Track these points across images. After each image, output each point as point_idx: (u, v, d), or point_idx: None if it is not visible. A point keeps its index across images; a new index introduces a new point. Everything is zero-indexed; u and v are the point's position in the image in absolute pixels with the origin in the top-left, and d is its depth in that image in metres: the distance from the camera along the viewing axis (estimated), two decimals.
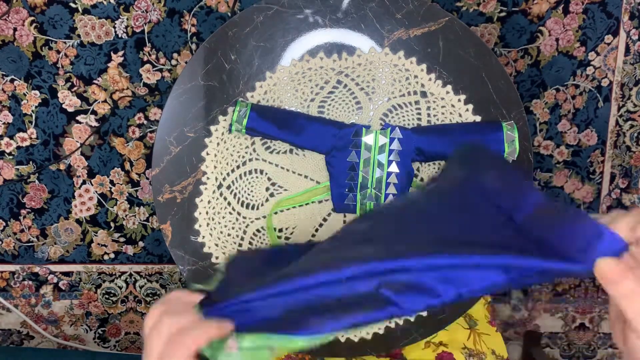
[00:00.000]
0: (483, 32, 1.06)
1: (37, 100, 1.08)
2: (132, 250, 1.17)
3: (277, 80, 0.70)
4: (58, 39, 1.05)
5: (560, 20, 1.06)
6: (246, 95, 0.70)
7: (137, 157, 1.12)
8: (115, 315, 1.22)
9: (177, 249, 0.72)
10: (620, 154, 1.13)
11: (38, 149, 1.10)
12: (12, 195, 1.13)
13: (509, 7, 1.05)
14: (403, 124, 0.72)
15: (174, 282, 1.19)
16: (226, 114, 0.70)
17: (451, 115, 0.71)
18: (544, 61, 1.08)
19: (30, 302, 1.20)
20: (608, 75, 1.09)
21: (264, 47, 0.70)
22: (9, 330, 1.23)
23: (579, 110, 1.11)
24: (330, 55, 0.70)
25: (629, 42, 1.07)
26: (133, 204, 1.14)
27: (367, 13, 0.69)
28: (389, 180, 0.70)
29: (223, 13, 1.05)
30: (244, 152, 0.72)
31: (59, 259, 1.17)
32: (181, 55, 1.06)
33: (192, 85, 0.70)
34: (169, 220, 0.72)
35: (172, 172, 0.71)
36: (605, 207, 1.16)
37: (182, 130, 0.71)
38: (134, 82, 1.08)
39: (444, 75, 0.70)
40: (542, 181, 1.14)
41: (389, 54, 0.70)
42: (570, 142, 1.12)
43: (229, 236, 0.72)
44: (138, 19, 1.04)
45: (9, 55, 1.05)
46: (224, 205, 0.72)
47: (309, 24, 0.69)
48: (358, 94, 0.71)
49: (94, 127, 1.10)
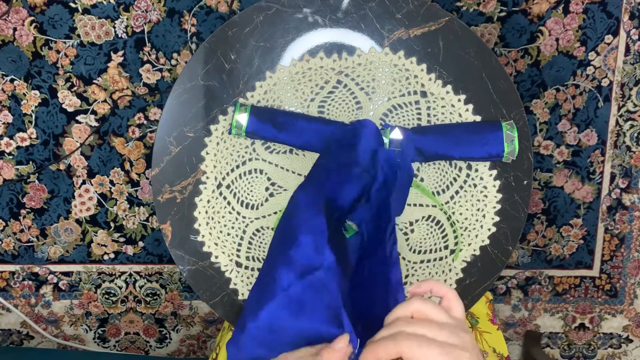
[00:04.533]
0: (483, 32, 1.06)
1: (37, 100, 1.08)
2: (132, 250, 1.17)
3: (277, 80, 0.70)
4: (58, 39, 1.05)
5: (560, 20, 1.06)
6: (246, 95, 0.70)
7: (137, 157, 1.12)
8: (115, 315, 1.22)
9: (176, 248, 0.72)
10: (620, 154, 1.13)
11: (38, 149, 1.10)
12: (12, 195, 1.13)
13: (509, 7, 1.05)
14: (403, 124, 0.72)
15: (174, 282, 1.20)
16: (226, 114, 0.70)
17: (451, 115, 0.71)
18: (544, 61, 1.08)
19: (30, 302, 1.20)
20: (608, 75, 1.09)
21: (264, 47, 0.70)
22: (8, 330, 1.23)
23: (579, 110, 1.11)
24: (330, 55, 0.70)
25: (629, 42, 1.07)
26: (133, 204, 1.14)
27: (367, 13, 0.69)
28: None
29: (223, 13, 1.05)
30: (243, 151, 0.72)
31: (58, 259, 1.17)
32: (181, 55, 1.06)
33: (192, 85, 0.70)
34: (169, 220, 0.72)
35: (172, 172, 0.71)
36: (605, 207, 1.16)
37: (182, 130, 0.71)
38: (133, 82, 1.08)
39: (444, 75, 0.70)
40: (542, 181, 1.14)
41: (389, 53, 0.70)
42: (570, 142, 1.12)
43: (229, 236, 0.72)
44: (138, 18, 1.04)
45: (8, 55, 1.05)
46: (224, 204, 0.72)
47: (308, 23, 0.69)
48: (358, 93, 0.71)
49: (94, 127, 1.10)
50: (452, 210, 0.72)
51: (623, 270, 1.20)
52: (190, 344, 1.26)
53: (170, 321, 1.23)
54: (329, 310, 0.53)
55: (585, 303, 1.22)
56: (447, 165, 0.72)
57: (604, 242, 1.18)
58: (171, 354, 1.26)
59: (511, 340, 1.26)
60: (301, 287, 0.54)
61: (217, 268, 0.72)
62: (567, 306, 1.23)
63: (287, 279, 0.55)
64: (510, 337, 1.25)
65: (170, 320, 1.23)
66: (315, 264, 0.55)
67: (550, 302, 1.22)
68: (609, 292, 1.21)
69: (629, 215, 1.16)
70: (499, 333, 0.82)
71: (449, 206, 0.72)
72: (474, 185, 0.72)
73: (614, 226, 1.17)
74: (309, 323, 0.53)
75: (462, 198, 0.72)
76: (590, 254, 1.19)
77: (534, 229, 1.17)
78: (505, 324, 1.24)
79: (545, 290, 1.21)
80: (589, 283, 1.21)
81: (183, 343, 1.26)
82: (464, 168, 0.72)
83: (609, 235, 1.17)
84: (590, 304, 1.22)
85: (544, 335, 1.25)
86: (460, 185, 0.72)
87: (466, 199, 0.72)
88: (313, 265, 0.55)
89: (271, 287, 0.56)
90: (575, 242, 1.18)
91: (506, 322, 1.24)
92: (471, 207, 0.72)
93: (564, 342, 1.26)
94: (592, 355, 1.27)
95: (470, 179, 0.72)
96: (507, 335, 1.25)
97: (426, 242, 0.74)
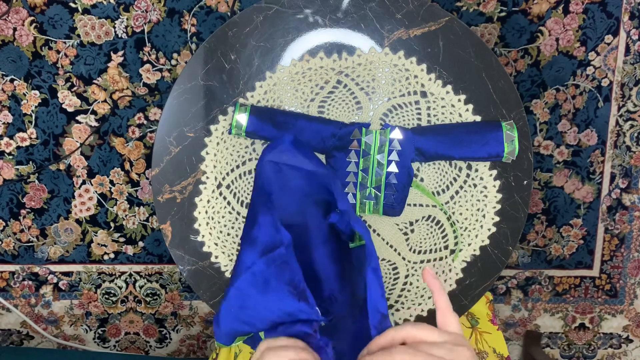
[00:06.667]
0: (483, 32, 1.06)
1: (37, 100, 1.08)
2: (132, 250, 1.17)
3: (277, 80, 0.70)
4: (58, 39, 1.05)
5: (560, 20, 1.06)
6: (246, 95, 0.70)
7: (137, 157, 1.12)
8: (115, 315, 1.22)
9: (176, 248, 0.72)
10: (620, 154, 1.13)
11: (38, 149, 1.10)
12: (12, 195, 1.13)
13: (509, 7, 1.05)
14: (403, 124, 0.72)
15: (174, 282, 1.20)
16: (226, 114, 0.70)
17: (451, 115, 0.71)
18: (544, 61, 1.08)
19: (30, 302, 1.20)
20: (608, 75, 1.09)
21: (264, 47, 0.70)
22: (8, 330, 1.23)
23: (579, 110, 1.11)
24: (330, 55, 0.70)
25: (629, 42, 1.07)
26: (133, 204, 1.14)
27: (367, 13, 0.69)
28: (388, 181, 0.70)
29: (223, 13, 1.05)
30: (243, 151, 0.72)
31: (58, 259, 1.17)
32: (181, 55, 1.06)
33: (192, 85, 0.70)
34: (169, 220, 0.72)
35: (172, 172, 0.71)
36: (605, 207, 1.16)
37: (182, 130, 0.71)
38: (133, 82, 1.08)
39: (444, 75, 0.70)
40: (542, 181, 1.14)
41: (389, 53, 0.70)
42: (570, 142, 1.12)
43: (229, 235, 0.72)
44: (138, 18, 1.04)
45: (8, 55, 1.05)
46: (224, 204, 0.72)
47: (308, 23, 0.69)
48: (358, 94, 0.71)
49: (94, 127, 1.10)
50: (452, 210, 0.72)
51: (623, 270, 1.20)
52: (190, 344, 1.26)
53: (170, 321, 1.23)
54: (291, 285, 0.57)
55: (585, 303, 1.22)
56: (447, 165, 0.72)
57: (604, 242, 1.18)
58: (171, 354, 1.26)
59: (511, 340, 1.26)
60: (264, 265, 0.59)
61: (217, 268, 0.72)
62: (567, 306, 1.23)
63: (251, 258, 0.60)
64: (510, 337, 1.25)
65: (170, 320, 1.23)
66: (275, 241, 0.59)
67: (550, 302, 1.22)
68: (609, 292, 1.21)
69: (629, 215, 1.16)
70: (499, 333, 0.82)
71: (449, 206, 0.72)
72: (474, 185, 0.72)
73: (614, 226, 1.17)
74: (275, 298, 0.58)
75: (462, 198, 0.72)
76: (590, 254, 1.19)
77: (534, 229, 1.17)
78: (505, 324, 1.24)
79: (545, 290, 1.21)
80: (589, 283, 1.21)
81: (183, 343, 1.26)
82: (464, 168, 0.72)
83: (609, 235, 1.17)
84: (590, 304, 1.22)
85: (544, 335, 1.25)
86: (460, 185, 0.72)
87: (466, 199, 0.72)
88: (274, 242, 0.59)
89: (237, 267, 0.61)
90: (575, 242, 1.18)
91: (506, 322, 1.24)
92: (471, 207, 0.72)
93: (564, 342, 1.26)
94: (592, 355, 1.27)
95: (470, 179, 0.72)
96: (507, 335, 1.25)
97: (426, 242, 0.74)
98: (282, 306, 0.57)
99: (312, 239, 0.65)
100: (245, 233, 0.65)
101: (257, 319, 0.60)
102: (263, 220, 0.62)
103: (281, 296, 0.57)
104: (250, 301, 0.59)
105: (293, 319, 0.57)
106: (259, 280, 0.59)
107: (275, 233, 0.60)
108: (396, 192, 0.70)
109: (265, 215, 0.62)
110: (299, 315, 0.56)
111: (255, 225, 0.62)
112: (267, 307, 0.58)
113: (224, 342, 0.63)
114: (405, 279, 0.73)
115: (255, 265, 0.59)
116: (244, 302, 0.59)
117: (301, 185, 0.66)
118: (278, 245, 0.59)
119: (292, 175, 0.66)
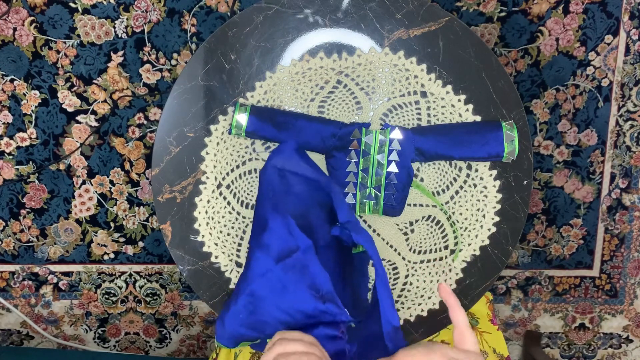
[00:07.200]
0: (483, 32, 1.06)
1: (37, 100, 1.08)
2: (132, 250, 1.17)
3: (277, 80, 0.70)
4: (58, 39, 1.05)
5: (560, 20, 1.05)
6: (246, 95, 0.70)
7: (137, 157, 1.12)
8: (115, 315, 1.22)
9: (176, 248, 0.72)
10: (620, 154, 1.13)
11: (38, 149, 1.10)
12: (12, 195, 1.13)
13: (509, 7, 1.05)
14: (403, 124, 0.72)
15: (174, 282, 1.20)
16: (226, 114, 0.70)
17: (451, 115, 0.71)
18: (544, 61, 1.08)
19: (30, 302, 1.20)
20: (608, 75, 1.09)
21: (264, 47, 0.70)
22: (8, 331, 1.23)
23: (579, 110, 1.11)
24: (330, 55, 0.70)
25: (629, 42, 1.07)
26: (133, 204, 1.14)
27: (367, 13, 0.69)
28: (388, 180, 0.70)
29: (223, 13, 1.05)
30: (243, 151, 0.72)
31: (58, 259, 1.17)
32: (181, 55, 1.06)
33: (192, 85, 0.70)
34: (169, 220, 0.72)
35: (172, 172, 0.71)
36: (605, 207, 1.16)
37: (182, 130, 0.71)
38: (133, 82, 1.08)
39: (444, 75, 0.70)
40: (542, 181, 1.14)
41: (389, 53, 0.70)
42: (570, 142, 1.12)
43: (229, 235, 0.72)
44: (138, 19, 1.04)
45: (8, 55, 1.05)
46: (224, 204, 0.72)
47: (308, 23, 0.69)
48: (358, 94, 0.71)
49: (94, 127, 1.10)
50: (452, 210, 0.72)
51: (623, 270, 1.20)
52: (190, 344, 1.26)
53: (170, 321, 1.23)
54: (313, 288, 0.57)
55: (585, 303, 1.22)
56: (447, 165, 0.72)
57: (604, 242, 1.18)
58: (171, 354, 1.26)
59: (511, 340, 1.26)
60: (281, 271, 0.58)
61: (217, 268, 0.72)
62: (567, 306, 1.23)
63: (265, 264, 0.59)
64: (510, 337, 1.25)
65: (170, 320, 1.23)
66: (291, 246, 0.59)
67: (550, 302, 1.22)
68: (609, 292, 1.21)
69: (629, 215, 1.16)
70: (499, 333, 0.82)
71: (449, 206, 0.72)
72: (474, 185, 0.72)
73: (614, 226, 1.17)
74: (294, 300, 0.58)
75: (462, 198, 0.72)
76: (590, 254, 1.19)
77: (534, 229, 1.17)
78: (505, 324, 1.24)
79: (545, 290, 1.21)
80: (589, 283, 1.21)
81: (183, 343, 1.26)
82: (464, 168, 0.72)
83: (609, 235, 1.17)
84: (590, 304, 1.22)
85: (544, 335, 1.25)
86: (460, 185, 0.72)
87: (466, 199, 0.72)
88: (289, 248, 0.59)
89: (248, 273, 0.61)
90: (575, 242, 1.18)
91: (506, 322, 1.24)
92: (471, 207, 0.72)
93: (564, 342, 1.26)
94: (592, 355, 1.27)
95: (470, 179, 0.72)
96: (507, 336, 1.25)
97: (426, 242, 0.74)
98: (302, 308, 0.57)
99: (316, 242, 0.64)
100: (254, 238, 0.64)
101: (269, 325, 0.59)
102: (274, 225, 0.61)
103: (301, 299, 0.57)
104: (263, 306, 0.59)
105: (314, 321, 0.56)
106: (276, 286, 0.58)
107: (290, 238, 0.59)
108: (396, 192, 0.70)
109: (276, 220, 0.61)
110: (321, 318, 0.56)
111: (267, 230, 0.61)
112: (284, 309, 0.58)
113: (226, 344, 0.63)
114: (405, 279, 0.73)
115: (271, 272, 0.59)
116: (255, 308, 0.59)
117: (304, 190, 0.66)
118: (294, 250, 0.58)
119: (294, 181, 0.66)
